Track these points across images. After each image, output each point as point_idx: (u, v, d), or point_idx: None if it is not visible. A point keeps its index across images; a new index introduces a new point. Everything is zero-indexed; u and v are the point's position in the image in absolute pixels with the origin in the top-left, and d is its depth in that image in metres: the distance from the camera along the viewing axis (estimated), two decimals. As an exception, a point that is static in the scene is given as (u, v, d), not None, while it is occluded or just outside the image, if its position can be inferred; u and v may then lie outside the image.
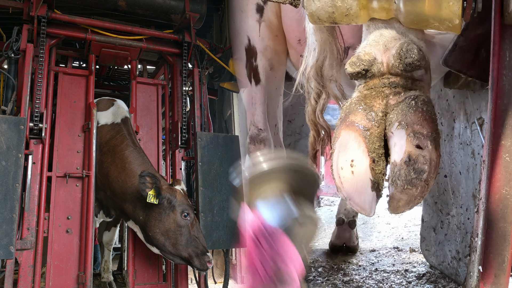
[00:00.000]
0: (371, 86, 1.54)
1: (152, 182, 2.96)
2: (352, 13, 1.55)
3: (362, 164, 1.47)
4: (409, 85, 1.52)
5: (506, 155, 1.44)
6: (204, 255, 3.00)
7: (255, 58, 2.88)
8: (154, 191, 2.96)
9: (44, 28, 3.22)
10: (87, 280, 3.04)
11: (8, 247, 2.68)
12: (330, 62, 1.93)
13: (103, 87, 4.76)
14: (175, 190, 3.11)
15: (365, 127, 1.48)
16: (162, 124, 3.97)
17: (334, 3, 1.56)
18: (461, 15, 1.40)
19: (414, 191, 1.39)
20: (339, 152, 1.52)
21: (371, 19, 1.59)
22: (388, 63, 1.51)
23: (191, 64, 3.89)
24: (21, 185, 2.82)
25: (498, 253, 1.43)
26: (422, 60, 1.49)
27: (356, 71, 1.52)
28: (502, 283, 1.43)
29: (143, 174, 2.95)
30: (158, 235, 3.03)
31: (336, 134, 1.56)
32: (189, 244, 3.01)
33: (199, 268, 3.05)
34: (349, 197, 1.53)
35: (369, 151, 1.47)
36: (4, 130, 2.82)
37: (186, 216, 3.04)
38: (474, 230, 1.50)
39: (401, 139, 1.42)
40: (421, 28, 1.55)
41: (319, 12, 1.59)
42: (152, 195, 2.95)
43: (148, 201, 2.94)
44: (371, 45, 1.55)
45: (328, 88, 2.00)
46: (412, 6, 1.47)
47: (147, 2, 3.73)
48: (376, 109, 1.50)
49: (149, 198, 2.94)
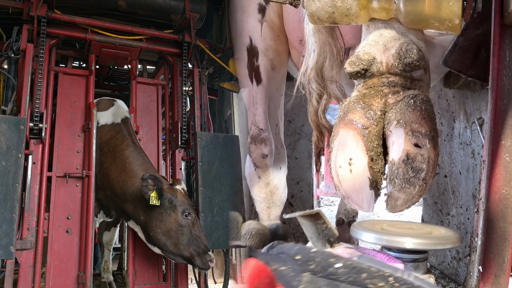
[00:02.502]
0: (370, 85, 1.54)
1: (154, 184, 2.96)
2: (352, 13, 1.55)
3: (360, 163, 1.47)
4: (408, 85, 1.52)
5: (506, 155, 1.44)
6: (205, 254, 3.01)
7: (257, 58, 2.88)
8: (156, 193, 2.96)
9: (44, 28, 3.21)
10: (87, 280, 3.04)
11: (8, 247, 2.68)
12: (330, 63, 1.93)
13: (103, 87, 4.76)
14: (176, 190, 3.11)
15: (364, 126, 1.48)
16: (162, 124, 3.97)
17: (334, 3, 1.55)
18: (461, 15, 1.40)
19: (412, 190, 1.39)
20: (338, 150, 1.52)
21: (371, 19, 1.59)
22: (388, 63, 1.51)
23: (191, 64, 3.89)
24: (21, 185, 2.82)
25: (498, 253, 1.43)
26: (422, 60, 1.48)
27: (355, 70, 1.52)
28: (502, 283, 1.43)
29: (145, 177, 2.95)
30: (159, 235, 3.03)
31: (334, 133, 1.55)
32: (191, 243, 3.01)
33: (200, 267, 3.05)
34: (347, 196, 1.53)
35: (368, 149, 1.46)
36: (4, 130, 2.82)
37: (188, 215, 3.04)
38: (474, 230, 1.50)
39: (400, 137, 1.41)
40: (421, 28, 1.55)
41: (319, 12, 1.59)
42: (155, 197, 2.95)
43: (150, 203, 2.94)
44: (370, 45, 1.55)
45: (329, 89, 2.00)
46: (412, 6, 1.47)
47: (147, 2, 3.73)
48: (375, 107, 1.49)
49: (151, 200, 2.94)
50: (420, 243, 1.11)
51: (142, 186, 2.94)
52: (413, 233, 1.16)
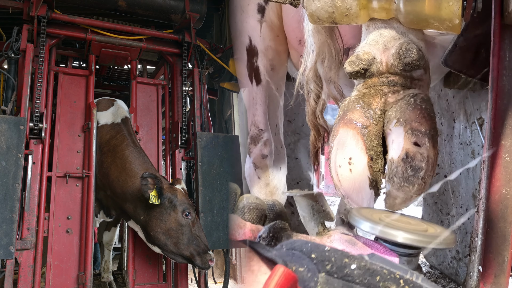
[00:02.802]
0: (370, 84, 1.54)
1: (154, 183, 2.95)
2: (352, 13, 1.55)
3: (360, 162, 1.47)
4: (408, 84, 1.52)
5: (506, 155, 1.44)
6: (205, 253, 3.00)
7: (256, 58, 2.88)
8: (156, 192, 2.95)
9: (44, 28, 3.22)
10: (87, 280, 3.04)
11: (8, 247, 2.68)
12: (328, 64, 1.93)
13: (103, 87, 4.76)
14: (176, 190, 3.11)
15: (363, 125, 1.47)
16: (162, 124, 3.98)
17: (334, 3, 1.56)
18: (461, 15, 1.40)
19: (411, 189, 1.39)
20: (337, 150, 1.51)
21: (371, 19, 1.59)
22: (387, 63, 1.51)
23: (191, 64, 3.90)
24: (21, 185, 2.83)
25: (498, 253, 1.43)
26: (421, 60, 1.48)
27: (355, 70, 1.52)
28: (502, 283, 1.43)
29: (144, 176, 2.94)
30: (159, 235, 3.02)
31: (334, 132, 1.55)
32: (191, 242, 3.01)
33: (201, 267, 3.04)
34: (347, 195, 1.52)
35: (367, 149, 1.46)
36: (4, 130, 2.82)
37: (188, 215, 3.03)
38: (474, 230, 1.50)
39: (399, 136, 1.41)
40: (421, 28, 1.55)
41: (319, 12, 1.60)
42: (154, 196, 2.95)
43: (150, 202, 2.94)
44: (370, 44, 1.55)
45: (327, 89, 2.01)
46: (412, 6, 1.47)
47: (147, 2, 3.73)
48: (375, 107, 1.49)
49: (151, 199, 2.93)
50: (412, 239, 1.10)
51: (142, 184, 2.93)
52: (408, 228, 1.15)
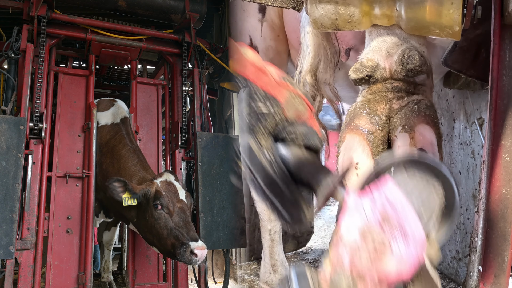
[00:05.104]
0: (374, 90, 1.58)
1: (122, 185, 2.87)
2: (354, 20, 1.59)
3: (366, 167, 1.50)
4: (411, 90, 1.57)
5: (506, 155, 1.45)
6: (185, 244, 2.71)
7: None
8: (128, 193, 2.87)
9: (44, 28, 3.21)
10: (87, 280, 3.04)
11: (8, 247, 2.68)
12: (324, 66, 1.98)
13: (103, 87, 4.76)
14: (152, 184, 2.97)
15: (369, 131, 1.53)
16: (162, 124, 3.97)
17: (337, 10, 1.59)
18: (461, 22, 1.42)
19: None
20: (344, 155, 1.57)
21: (373, 25, 1.63)
22: (391, 69, 1.55)
23: (191, 64, 3.89)
24: (21, 185, 2.82)
25: (498, 253, 1.43)
26: (424, 65, 1.52)
27: (360, 77, 1.57)
28: (502, 283, 1.43)
29: (109, 183, 2.85)
30: (146, 234, 2.96)
31: (341, 138, 1.60)
32: (169, 235, 2.81)
33: (183, 261, 2.79)
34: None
35: (373, 154, 1.51)
36: (4, 130, 2.82)
37: (157, 206, 2.85)
38: (474, 230, 1.50)
39: (405, 142, 1.46)
40: (422, 34, 1.59)
41: (322, 19, 1.63)
42: (128, 197, 2.87)
43: (124, 204, 2.86)
44: (373, 51, 1.59)
45: (323, 91, 2.05)
46: (413, 13, 1.50)
47: (147, 2, 3.73)
48: (380, 113, 1.54)
49: (125, 201, 2.85)
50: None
51: (111, 191, 2.83)
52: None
